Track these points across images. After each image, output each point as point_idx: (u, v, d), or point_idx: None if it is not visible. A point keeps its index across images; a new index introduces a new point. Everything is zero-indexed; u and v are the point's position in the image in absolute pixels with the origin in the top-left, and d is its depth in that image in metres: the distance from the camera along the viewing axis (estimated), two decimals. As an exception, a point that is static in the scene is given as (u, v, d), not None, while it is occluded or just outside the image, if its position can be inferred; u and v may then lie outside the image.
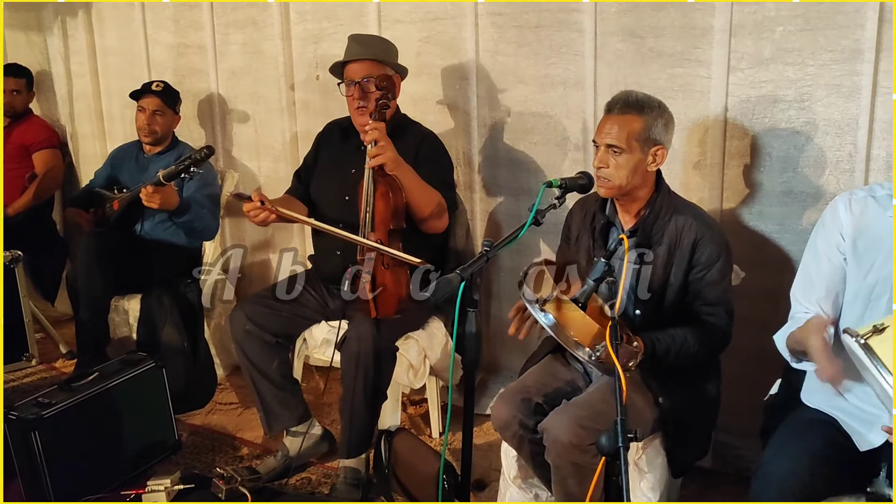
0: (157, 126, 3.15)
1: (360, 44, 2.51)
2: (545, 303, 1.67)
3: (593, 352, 1.65)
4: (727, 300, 1.94)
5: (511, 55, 2.65)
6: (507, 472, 2.12)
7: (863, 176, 2.11)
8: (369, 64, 2.45)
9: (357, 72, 2.45)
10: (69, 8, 3.84)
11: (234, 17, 3.29)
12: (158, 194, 2.74)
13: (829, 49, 2.09)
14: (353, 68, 2.46)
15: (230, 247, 3.42)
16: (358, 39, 2.53)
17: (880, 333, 1.31)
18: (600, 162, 1.90)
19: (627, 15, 2.38)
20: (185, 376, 2.92)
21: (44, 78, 4.07)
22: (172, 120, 3.22)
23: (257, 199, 2.32)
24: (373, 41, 2.56)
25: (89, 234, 3.05)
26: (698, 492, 2.35)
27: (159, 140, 3.19)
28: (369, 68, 2.44)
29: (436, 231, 2.48)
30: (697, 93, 2.30)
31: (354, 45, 2.50)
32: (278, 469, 2.51)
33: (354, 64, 2.46)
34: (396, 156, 2.28)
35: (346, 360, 2.31)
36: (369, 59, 2.45)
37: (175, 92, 3.23)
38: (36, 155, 3.78)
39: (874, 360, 1.29)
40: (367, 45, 2.51)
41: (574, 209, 2.14)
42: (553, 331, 1.66)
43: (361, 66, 2.45)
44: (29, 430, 2.25)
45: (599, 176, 1.92)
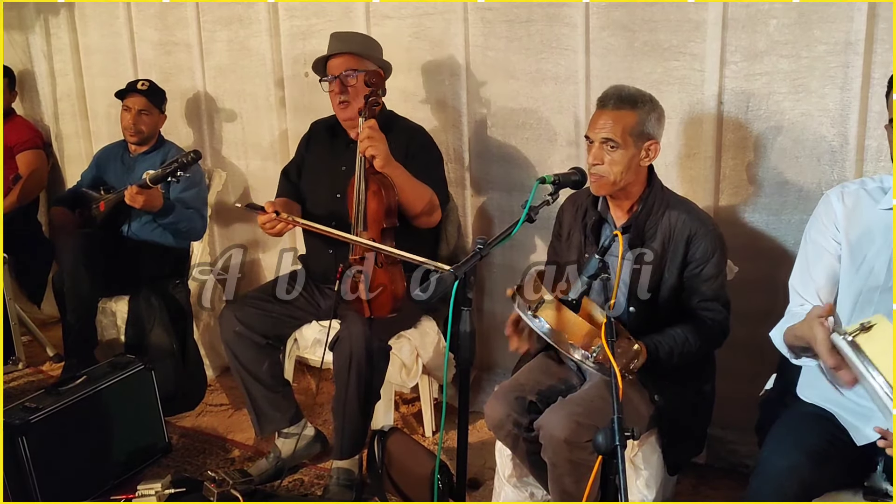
0: (143, 125, 3.11)
1: (339, 40, 2.51)
2: (537, 308, 1.66)
3: (590, 353, 1.63)
4: (723, 294, 1.94)
5: (501, 50, 2.63)
6: (501, 471, 2.11)
7: (854, 166, 2.11)
8: (348, 58, 2.44)
9: (337, 66, 2.44)
10: (51, 6, 3.78)
11: (220, 14, 3.25)
12: (142, 195, 2.71)
13: (823, 41, 2.08)
14: (334, 63, 2.46)
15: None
16: (338, 36, 2.53)
17: (867, 331, 1.32)
18: (595, 158, 1.88)
19: (619, 9, 2.36)
20: (174, 378, 2.89)
21: (27, 77, 4.01)
22: (158, 119, 3.18)
23: (271, 210, 2.30)
24: (353, 37, 2.56)
25: (76, 235, 3.01)
26: (693, 487, 2.35)
27: (145, 140, 3.15)
28: (348, 62, 2.44)
29: (428, 226, 2.47)
30: (691, 86, 2.29)
31: (335, 42, 2.51)
32: (270, 471, 2.49)
33: (335, 59, 2.46)
34: (388, 152, 2.26)
35: (339, 360, 2.28)
36: (348, 53, 2.44)
37: (161, 91, 3.19)
38: (19, 156, 3.72)
39: (862, 358, 1.29)
40: (347, 40, 2.51)
41: (565, 205, 2.13)
42: (549, 337, 1.65)
43: (341, 61, 2.45)
44: (16, 436, 2.22)
45: (594, 173, 1.90)
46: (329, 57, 2.48)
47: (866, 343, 1.30)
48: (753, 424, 1.89)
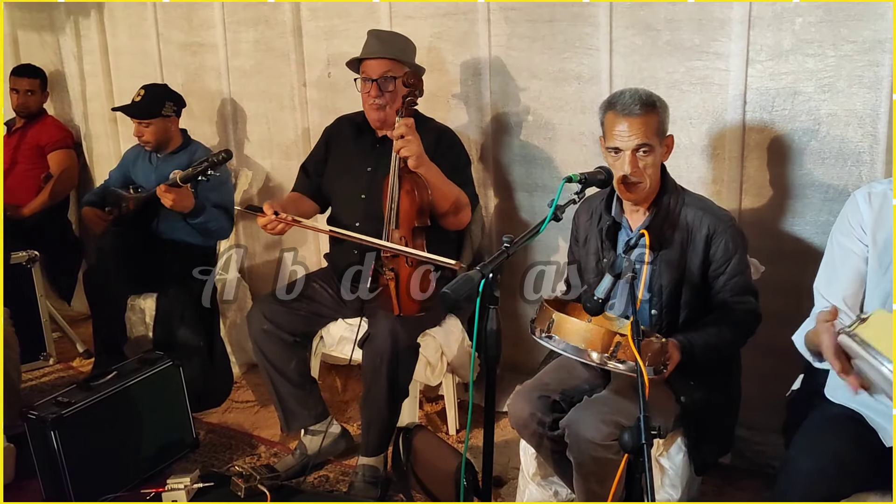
0: (149, 136, 3.06)
1: (379, 40, 2.48)
2: (549, 328, 1.68)
3: (609, 355, 1.64)
4: (751, 286, 1.96)
5: (524, 50, 2.63)
6: (525, 470, 2.12)
7: (883, 167, 2.09)
8: (387, 62, 2.43)
9: (375, 69, 2.43)
10: (81, 8, 3.85)
11: (245, 16, 3.28)
12: (172, 193, 2.73)
13: (851, 40, 2.06)
14: (371, 65, 2.45)
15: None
16: (378, 35, 2.51)
17: (863, 322, 1.33)
18: (633, 167, 1.86)
19: (643, 8, 2.35)
20: (201, 375, 2.93)
21: (57, 78, 4.08)
22: (164, 125, 3.08)
23: (270, 211, 2.32)
24: (392, 38, 2.54)
25: (105, 234, 3.06)
26: (718, 488, 2.34)
27: (158, 147, 3.12)
28: (387, 66, 2.42)
29: (457, 227, 2.47)
30: (716, 86, 2.28)
31: (374, 42, 2.48)
32: (296, 467, 2.52)
33: (372, 61, 2.44)
34: (422, 151, 2.26)
35: (369, 357, 2.30)
36: (388, 58, 2.43)
37: (158, 96, 3.07)
38: (51, 155, 3.80)
39: (865, 346, 1.30)
40: (387, 41, 2.49)
41: (580, 210, 2.12)
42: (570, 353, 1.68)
43: (379, 64, 2.43)
44: (49, 430, 2.27)
45: (632, 182, 1.88)
46: (366, 56, 2.46)
47: (865, 331, 1.32)
48: (780, 426, 1.88)
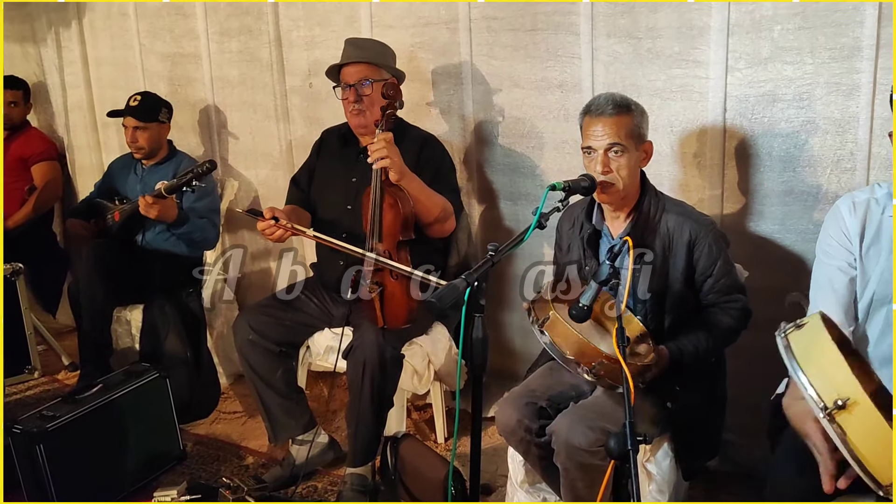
0: (143, 141, 3.09)
1: (355, 46, 2.51)
2: (543, 324, 1.70)
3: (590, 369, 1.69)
4: (737, 283, 1.98)
5: (506, 59, 2.64)
6: (514, 477, 2.12)
7: (864, 174, 2.11)
8: (364, 67, 2.45)
9: (352, 75, 2.45)
10: (62, 19, 3.83)
11: (228, 26, 3.28)
12: (157, 205, 2.73)
13: (828, 47, 2.09)
14: (349, 71, 2.47)
15: (230, 247, 3.40)
16: (355, 42, 2.53)
17: (799, 329, 1.35)
18: (603, 166, 1.89)
19: (623, 16, 2.38)
20: (188, 386, 2.91)
21: (40, 89, 4.06)
22: (158, 131, 3.12)
23: (270, 216, 2.32)
24: (368, 44, 2.56)
25: (91, 245, 3.04)
26: (706, 492, 2.34)
27: (150, 154, 3.14)
28: (364, 71, 2.44)
29: (441, 235, 2.48)
30: (696, 93, 2.31)
31: (350, 48, 2.51)
32: (284, 478, 2.51)
33: (350, 67, 2.47)
34: (402, 164, 2.27)
35: (353, 368, 2.30)
36: (364, 62, 2.45)
37: (155, 102, 3.12)
38: (35, 167, 3.77)
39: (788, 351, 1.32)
40: (363, 47, 2.52)
41: (562, 218, 2.14)
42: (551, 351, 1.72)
43: (357, 69, 2.45)
44: (34, 444, 2.25)
45: (604, 182, 1.90)
46: (344, 63, 2.48)
47: (796, 337, 1.34)
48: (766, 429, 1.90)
